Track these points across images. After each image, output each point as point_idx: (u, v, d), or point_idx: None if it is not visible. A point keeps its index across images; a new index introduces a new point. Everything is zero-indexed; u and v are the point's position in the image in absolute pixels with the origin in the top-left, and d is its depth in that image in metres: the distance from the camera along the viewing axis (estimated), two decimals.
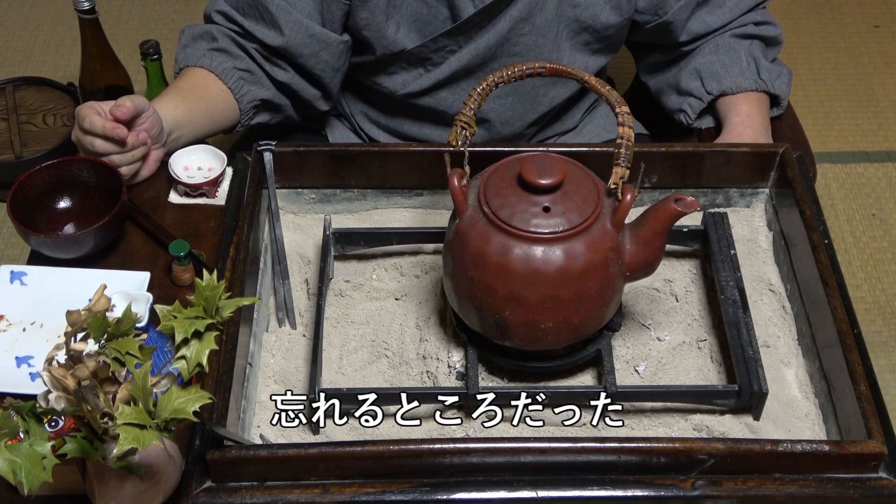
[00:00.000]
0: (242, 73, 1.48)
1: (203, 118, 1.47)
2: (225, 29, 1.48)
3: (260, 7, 1.45)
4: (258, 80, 1.50)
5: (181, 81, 1.47)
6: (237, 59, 1.48)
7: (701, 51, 1.55)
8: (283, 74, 1.50)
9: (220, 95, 1.47)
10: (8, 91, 2.25)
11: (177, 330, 0.91)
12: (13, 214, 1.33)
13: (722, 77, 1.52)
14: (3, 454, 0.88)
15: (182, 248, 1.31)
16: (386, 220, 1.37)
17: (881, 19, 2.89)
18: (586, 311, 1.12)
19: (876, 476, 1.06)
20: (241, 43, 1.48)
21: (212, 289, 0.92)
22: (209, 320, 0.92)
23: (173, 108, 1.43)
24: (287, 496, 1.03)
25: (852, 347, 1.12)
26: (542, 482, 1.04)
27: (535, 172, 1.10)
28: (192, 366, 0.92)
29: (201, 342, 0.92)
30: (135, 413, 0.89)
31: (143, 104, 1.36)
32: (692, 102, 1.55)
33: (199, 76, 1.47)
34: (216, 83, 1.47)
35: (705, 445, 1.04)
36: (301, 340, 1.25)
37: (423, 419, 1.17)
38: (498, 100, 1.54)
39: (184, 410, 0.91)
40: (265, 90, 1.51)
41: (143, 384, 0.89)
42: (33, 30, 2.77)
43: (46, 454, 0.90)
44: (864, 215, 2.41)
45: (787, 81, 1.54)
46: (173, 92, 1.46)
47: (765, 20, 1.56)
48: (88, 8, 1.59)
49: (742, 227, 1.37)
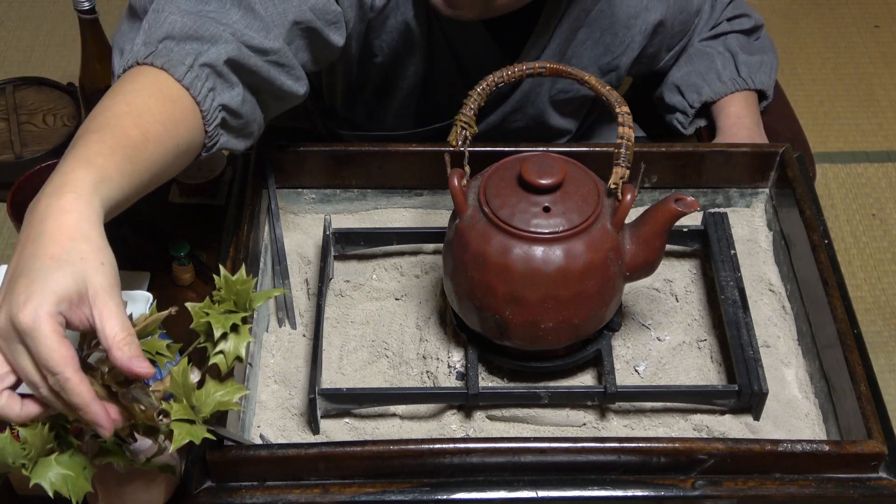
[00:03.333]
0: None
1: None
2: None
3: None
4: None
5: None
6: None
7: (676, 64, 1.55)
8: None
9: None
10: (8, 91, 2.24)
11: (214, 325, 0.91)
12: (13, 214, 1.33)
13: (700, 87, 1.51)
14: (54, 468, 0.89)
15: (182, 248, 1.31)
16: (386, 220, 1.37)
17: (881, 19, 2.89)
18: (586, 311, 1.12)
19: (876, 476, 1.06)
20: None
21: (243, 283, 0.93)
22: (243, 313, 0.93)
23: None
24: (287, 496, 1.03)
25: (852, 347, 1.12)
26: (542, 482, 1.04)
27: (535, 172, 1.10)
28: (230, 359, 0.92)
29: (238, 335, 0.93)
30: (181, 409, 0.89)
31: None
32: (679, 117, 1.56)
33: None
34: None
35: (705, 445, 1.04)
36: (301, 340, 1.25)
37: (422, 419, 1.17)
38: None
39: (228, 403, 0.92)
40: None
41: (185, 380, 0.90)
42: (33, 30, 2.77)
43: (86, 464, 0.91)
44: (864, 215, 2.41)
45: (770, 70, 1.53)
46: None
47: (737, 13, 1.55)
48: (88, 8, 1.59)
49: (742, 227, 1.37)
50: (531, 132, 1.53)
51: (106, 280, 0.86)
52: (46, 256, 0.84)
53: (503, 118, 1.50)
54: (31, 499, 1.12)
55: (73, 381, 0.83)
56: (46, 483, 0.88)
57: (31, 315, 0.82)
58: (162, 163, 1.00)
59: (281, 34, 1.13)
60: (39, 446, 0.88)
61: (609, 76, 1.48)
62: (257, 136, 1.17)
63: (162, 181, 1.03)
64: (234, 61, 1.08)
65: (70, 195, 0.87)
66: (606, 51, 1.44)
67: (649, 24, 1.44)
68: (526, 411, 1.17)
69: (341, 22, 1.23)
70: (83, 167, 0.90)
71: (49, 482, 0.88)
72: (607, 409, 1.18)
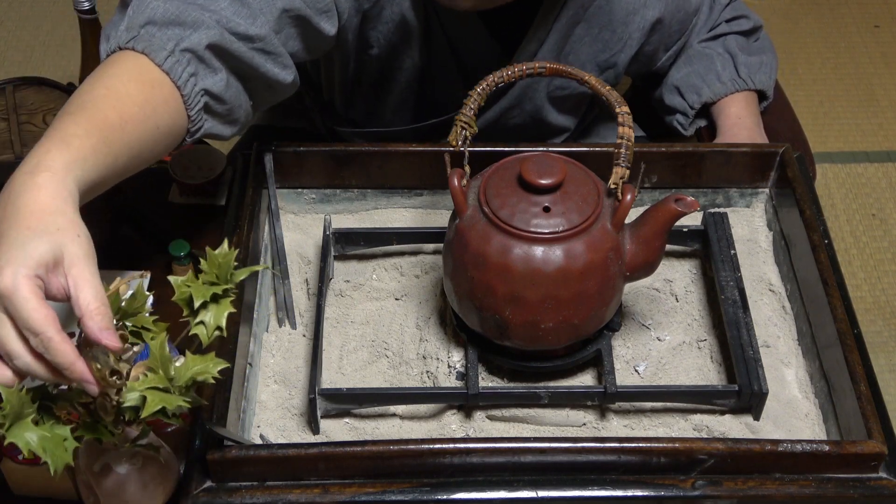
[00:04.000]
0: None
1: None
2: None
3: None
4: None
5: None
6: None
7: (675, 65, 1.55)
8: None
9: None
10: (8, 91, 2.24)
11: (195, 295, 0.91)
12: None
13: (700, 88, 1.51)
14: (33, 430, 0.88)
15: (182, 248, 1.31)
16: (386, 220, 1.37)
17: (881, 19, 2.89)
18: (586, 311, 1.12)
19: (876, 476, 1.06)
20: None
21: (224, 256, 0.93)
22: (225, 285, 0.93)
23: None
24: (287, 496, 1.03)
25: (852, 347, 1.12)
26: (542, 482, 1.04)
27: (535, 172, 1.10)
28: (211, 330, 0.92)
29: (219, 306, 0.93)
30: (157, 378, 0.89)
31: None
32: (679, 118, 1.56)
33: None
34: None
35: (705, 445, 1.04)
36: (301, 340, 1.25)
37: (422, 419, 1.17)
38: None
39: (205, 373, 0.91)
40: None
41: (161, 353, 0.90)
42: (33, 30, 2.77)
43: (67, 436, 0.90)
44: (864, 215, 2.41)
45: (769, 71, 1.53)
46: None
47: (736, 14, 1.55)
48: (88, 8, 1.59)
49: (742, 227, 1.37)
50: (529, 129, 1.53)
51: (81, 250, 0.87)
52: (23, 227, 0.86)
53: (500, 114, 1.50)
54: (29, 498, 1.12)
55: (56, 340, 0.83)
56: (22, 443, 0.87)
57: (10, 278, 0.83)
58: (140, 146, 1.00)
59: (268, 21, 1.13)
60: (17, 406, 0.87)
61: (607, 73, 1.49)
62: (245, 123, 1.17)
63: (143, 164, 1.03)
64: (217, 46, 1.08)
65: (45, 174, 0.89)
66: (605, 47, 1.44)
67: (647, 21, 1.44)
68: (526, 411, 1.17)
69: (333, 11, 1.24)
70: (58, 147, 0.92)
71: (25, 443, 0.87)
72: (607, 409, 1.18)
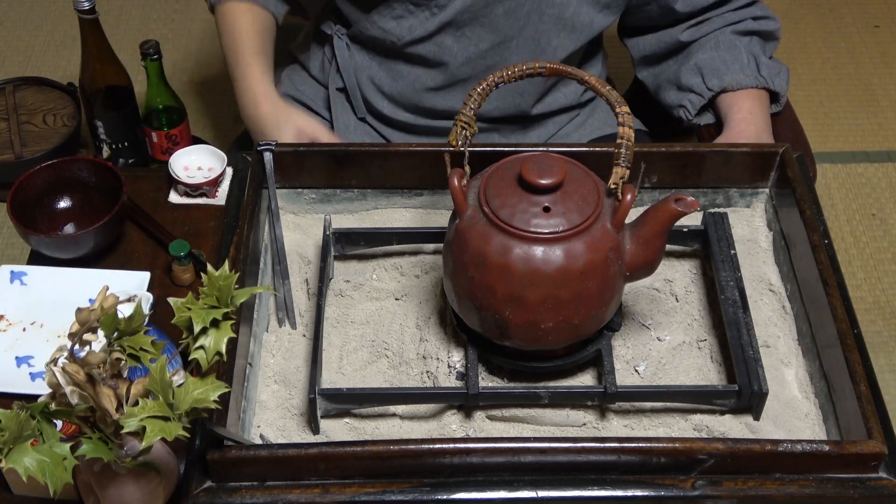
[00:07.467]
0: None
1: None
2: None
3: None
4: None
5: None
6: None
7: (702, 47, 1.55)
8: None
9: None
10: (8, 91, 2.24)
11: (195, 320, 0.91)
12: (13, 214, 1.33)
13: (723, 73, 1.52)
14: (31, 454, 0.88)
15: (182, 248, 1.31)
16: (386, 220, 1.37)
17: (881, 19, 2.89)
18: (586, 311, 1.12)
19: (876, 476, 1.06)
20: None
21: (225, 278, 0.93)
22: (225, 309, 0.93)
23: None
24: (287, 496, 1.03)
25: (852, 347, 1.12)
26: (542, 482, 1.04)
27: (535, 172, 1.10)
28: (210, 355, 0.92)
29: (219, 331, 0.92)
30: (157, 406, 0.89)
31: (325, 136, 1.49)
32: (692, 98, 1.55)
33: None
34: None
35: (705, 445, 1.04)
36: (301, 340, 1.25)
37: (422, 419, 1.17)
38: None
39: (204, 400, 0.91)
40: None
41: (162, 377, 0.90)
42: (33, 30, 2.77)
43: (66, 455, 0.90)
44: (864, 215, 2.41)
45: (786, 79, 1.55)
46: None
47: (763, 14, 1.56)
48: (88, 8, 1.59)
49: (742, 227, 1.37)
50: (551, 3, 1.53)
51: (313, 121, 1.49)
52: (274, 126, 1.48)
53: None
54: (29, 498, 1.12)
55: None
56: (20, 468, 0.87)
57: (292, 131, 1.47)
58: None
59: None
60: (16, 431, 0.87)
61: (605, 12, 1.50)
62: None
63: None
64: None
65: (265, 103, 1.50)
66: None
67: None
68: (526, 411, 1.17)
69: None
70: (259, 83, 1.51)
71: (23, 467, 0.88)
72: (607, 409, 1.18)
